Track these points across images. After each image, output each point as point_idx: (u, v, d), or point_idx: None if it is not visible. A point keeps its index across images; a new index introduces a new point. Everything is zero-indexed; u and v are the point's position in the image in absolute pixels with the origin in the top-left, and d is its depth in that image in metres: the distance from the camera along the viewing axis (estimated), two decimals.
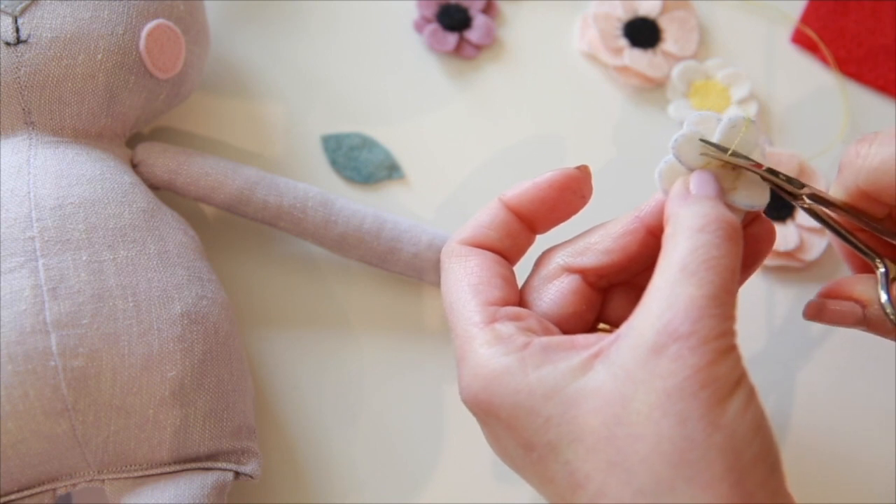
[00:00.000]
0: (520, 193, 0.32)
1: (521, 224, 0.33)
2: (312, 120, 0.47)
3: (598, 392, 0.27)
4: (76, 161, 0.37)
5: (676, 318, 0.27)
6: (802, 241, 0.45)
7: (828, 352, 0.44)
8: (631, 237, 0.32)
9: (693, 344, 0.26)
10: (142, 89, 0.39)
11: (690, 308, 0.27)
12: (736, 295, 0.28)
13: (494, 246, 0.32)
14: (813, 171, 0.47)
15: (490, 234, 0.32)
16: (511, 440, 0.29)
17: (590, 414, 0.27)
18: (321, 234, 0.41)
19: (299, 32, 0.48)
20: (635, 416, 0.26)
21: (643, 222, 0.32)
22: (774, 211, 0.46)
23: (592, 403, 0.27)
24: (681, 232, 0.28)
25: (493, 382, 0.28)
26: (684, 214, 0.29)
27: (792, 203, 0.33)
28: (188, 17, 0.40)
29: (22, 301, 0.33)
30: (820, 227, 0.44)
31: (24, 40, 0.36)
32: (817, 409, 0.43)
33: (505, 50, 0.49)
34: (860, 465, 0.42)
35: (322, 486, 0.41)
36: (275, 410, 0.42)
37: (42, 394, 0.33)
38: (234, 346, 0.37)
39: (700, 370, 0.26)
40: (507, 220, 0.32)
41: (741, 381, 0.27)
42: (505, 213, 0.32)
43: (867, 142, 0.33)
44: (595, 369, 0.27)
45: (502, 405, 0.28)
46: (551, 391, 0.28)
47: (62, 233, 0.35)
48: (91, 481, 0.35)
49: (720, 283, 0.27)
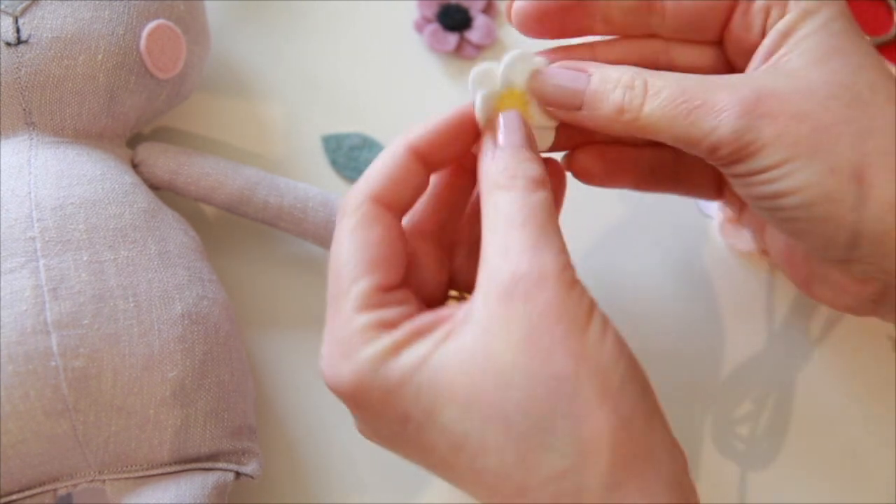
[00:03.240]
0: (427, 135, 0.32)
1: (424, 169, 0.32)
2: (313, 120, 0.47)
3: (461, 351, 0.28)
4: (77, 161, 0.37)
5: (513, 261, 0.28)
6: None
7: (828, 352, 0.44)
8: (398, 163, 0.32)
9: (536, 280, 0.27)
10: (142, 89, 0.39)
11: (523, 249, 0.28)
12: (559, 232, 0.29)
13: (404, 205, 0.32)
14: None
15: (403, 192, 0.32)
16: (384, 419, 0.29)
17: (458, 374, 0.27)
18: (322, 234, 0.41)
19: (300, 32, 0.48)
20: (501, 365, 0.27)
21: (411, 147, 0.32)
22: None
23: (458, 364, 0.27)
24: (496, 189, 0.30)
25: (369, 372, 0.29)
26: (494, 171, 0.30)
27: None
28: (188, 18, 0.40)
29: (23, 301, 0.33)
30: None
31: (25, 40, 0.36)
32: (817, 409, 0.43)
33: (505, 50, 0.49)
34: (860, 464, 0.42)
35: (323, 487, 0.41)
36: (276, 410, 0.42)
37: (43, 394, 0.33)
38: (234, 346, 0.37)
39: (550, 304, 0.27)
40: (415, 169, 0.32)
41: (593, 310, 0.28)
42: (413, 163, 0.32)
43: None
44: (457, 332, 0.28)
45: (373, 391, 0.29)
46: (420, 362, 0.28)
47: (63, 233, 0.35)
48: (92, 482, 0.35)
49: (541, 222, 0.28)
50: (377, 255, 0.30)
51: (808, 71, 0.30)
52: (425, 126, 0.32)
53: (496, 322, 0.27)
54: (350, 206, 0.31)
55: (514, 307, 0.27)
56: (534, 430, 0.26)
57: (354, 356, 0.29)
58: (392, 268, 0.30)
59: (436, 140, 0.32)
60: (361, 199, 0.31)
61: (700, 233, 0.46)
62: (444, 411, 0.28)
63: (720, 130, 0.29)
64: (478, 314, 0.28)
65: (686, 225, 0.46)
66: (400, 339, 0.29)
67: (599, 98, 0.31)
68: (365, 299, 0.30)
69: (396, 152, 0.32)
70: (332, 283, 0.31)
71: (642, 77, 0.30)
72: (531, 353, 0.27)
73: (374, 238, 0.30)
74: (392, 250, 0.31)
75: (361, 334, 0.29)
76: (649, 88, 0.30)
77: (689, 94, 0.30)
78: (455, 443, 0.28)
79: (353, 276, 0.30)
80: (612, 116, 0.31)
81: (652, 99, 0.30)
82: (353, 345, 0.29)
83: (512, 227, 0.28)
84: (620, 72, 0.31)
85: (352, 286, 0.30)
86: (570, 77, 0.32)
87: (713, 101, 0.29)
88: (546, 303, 0.27)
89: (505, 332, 0.27)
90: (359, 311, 0.29)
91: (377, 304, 0.30)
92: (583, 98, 0.31)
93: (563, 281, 0.27)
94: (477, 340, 0.27)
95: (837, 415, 0.43)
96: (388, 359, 0.28)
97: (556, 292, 0.27)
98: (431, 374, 0.28)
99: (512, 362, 0.27)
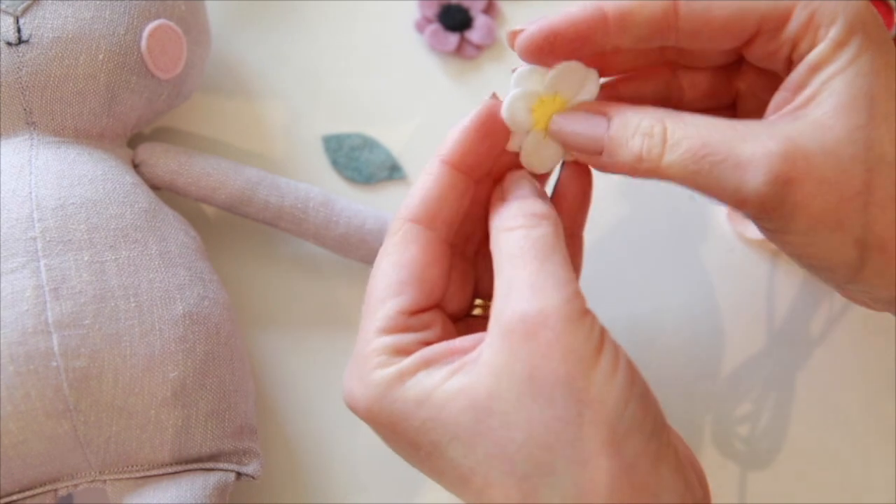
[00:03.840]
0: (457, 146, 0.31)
1: (465, 178, 0.32)
2: (313, 120, 0.47)
3: (467, 390, 0.27)
4: (77, 161, 0.37)
5: (514, 299, 0.27)
6: None
7: (828, 352, 0.44)
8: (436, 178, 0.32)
9: (537, 318, 0.27)
10: (143, 90, 0.39)
11: (523, 287, 0.27)
12: (565, 264, 0.28)
13: (448, 220, 0.32)
14: None
15: (443, 208, 0.31)
16: (397, 442, 0.30)
17: (461, 412, 0.27)
18: (322, 234, 0.41)
19: (300, 32, 0.48)
20: (504, 405, 0.27)
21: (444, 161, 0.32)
22: None
23: (462, 402, 0.27)
24: (501, 232, 0.30)
25: (377, 397, 0.29)
26: (502, 218, 0.30)
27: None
28: (189, 18, 0.40)
29: (24, 301, 0.33)
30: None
31: (26, 40, 0.36)
32: (817, 408, 0.43)
33: (506, 50, 0.49)
34: (860, 464, 0.43)
35: (323, 487, 0.41)
36: (276, 411, 0.42)
37: (44, 394, 0.33)
38: (235, 346, 0.37)
39: (552, 343, 0.26)
40: (454, 182, 0.31)
41: (602, 345, 0.27)
42: (451, 177, 0.31)
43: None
44: (466, 369, 0.28)
45: (381, 416, 0.29)
46: (424, 396, 0.28)
47: (64, 233, 0.35)
48: (92, 482, 0.35)
49: (542, 256, 0.28)
50: (408, 276, 0.30)
51: (835, 121, 0.29)
52: (452, 137, 0.31)
53: (501, 362, 0.27)
54: (392, 228, 0.31)
55: (517, 347, 0.27)
56: (535, 471, 0.26)
57: (366, 378, 0.29)
58: (423, 288, 0.30)
59: (466, 148, 0.31)
60: (401, 221, 0.31)
61: (703, 227, 0.46)
62: (450, 446, 0.28)
63: (745, 190, 0.28)
64: (486, 354, 0.28)
65: (688, 221, 0.46)
66: (406, 368, 0.29)
67: (618, 145, 0.30)
68: (388, 321, 0.30)
69: (432, 170, 0.31)
70: (365, 302, 0.31)
71: (662, 124, 0.29)
72: (533, 395, 0.26)
73: (407, 259, 0.30)
74: (425, 270, 0.31)
75: (376, 357, 0.29)
76: (669, 138, 0.29)
77: (711, 147, 0.28)
78: (461, 476, 0.28)
79: (382, 297, 0.30)
80: (632, 164, 0.30)
81: (672, 150, 0.29)
82: (367, 367, 0.29)
83: (513, 265, 0.28)
84: (640, 117, 0.30)
85: (379, 307, 0.30)
86: (589, 124, 0.31)
87: (737, 157, 0.28)
88: (548, 343, 0.27)
89: (508, 373, 0.27)
90: (379, 333, 0.30)
91: (398, 328, 0.30)
92: (602, 145, 0.31)
93: (567, 316, 0.27)
94: (482, 380, 0.27)
95: (837, 414, 0.43)
96: (393, 387, 0.29)
97: (561, 329, 0.27)
98: (436, 409, 0.28)
99: (515, 404, 0.27)
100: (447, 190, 0.31)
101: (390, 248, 0.31)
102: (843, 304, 0.45)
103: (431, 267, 0.31)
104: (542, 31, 0.30)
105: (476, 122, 0.31)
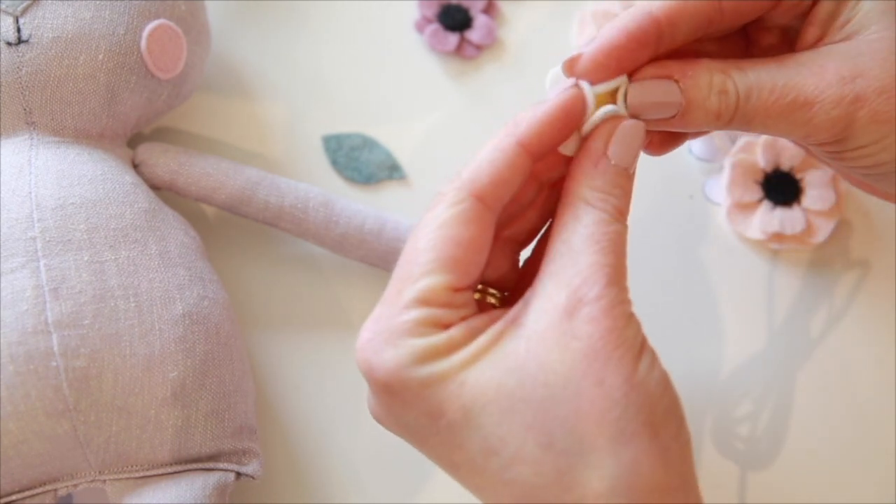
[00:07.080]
0: (536, 129, 0.30)
1: (530, 163, 0.30)
2: (313, 120, 0.47)
3: (512, 356, 0.27)
4: (77, 161, 0.37)
5: (586, 283, 0.28)
6: (809, 224, 0.45)
7: (828, 352, 0.44)
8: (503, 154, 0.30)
9: (604, 307, 0.27)
10: (143, 89, 0.39)
11: (598, 274, 0.28)
12: (626, 268, 0.29)
13: (504, 203, 0.30)
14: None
15: (507, 191, 0.30)
16: (415, 410, 0.28)
17: (506, 377, 0.27)
18: (322, 234, 0.41)
19: (300, 33, 0.48)
20: (553, 378, 0.27)
21: (521, 143, 0.30)
22: (780, 195, 0.46)
23: (508, 368, 0.27)
24: (584, 203, 0.29)
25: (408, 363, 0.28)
26: (588, 183, 0.30)
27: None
28: (189, 18, 0.40)
29: (23, 301, 0.33)
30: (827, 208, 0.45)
31: (26, 40, 0.36)
32: (817, 408, 0.43)
33: (506, 50, 0.49)
34: (860, 464, 0.43)
35: (323, 487, 0.41)
36: (276, 411, 0.42)
37: (44, 394, 0.33)
38: (235, 346, 0.37)
39: (612, 331, 0.27)
40: (522, 166, 0.30)
41: (645, 344, 0.28)
42: (522, 160, 0.30)
43: None
44: (510, 336, 0.28)
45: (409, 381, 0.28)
46: (469, 360, 0.28)
47: (64, 233, 0.34)
48: (92, 482, 0.35)
49: (619, 254, 0.29)
50: (461, 256, 0.29)
51: (881, 34, 0.31)
52: (535, 117, 0.30)
53: (555, 335, 0.27)
54: (450, 197, 0.29)
55: (578, 326, 0.27)
56: (575, 447, 0.26)
57: (401, 344, 0.28)
58: (472, 270, 0.29)
59: (545, 133, 0.30)
60: (465, 194, 0.29)
61: (703, 227, 0.46)
62: (483, 412, 0.27)
63: (815, 121, 0.30)
64: (536, 323, 0.28)
65: (688, 221, 0.46)
66: (457, 338, 0.28)
67: (696, 107, 0.31)
68: (431, 293, 0.29)
69: (507, 150, 0.30)
70: (402, 264, 0.29)
71: (731, 78, 0.31)
72: (586, 372, 0.27)
73: (466, 238, 0.29)
74: (478, 253, 0.30)
75: (415, 326, 0.28)
76: (740, 90, 0.31)
77: (779, 91, 0.30)
78: (489, 447, 0.27)
79: (428, 269, 0.29)
80: (709, 122, 0.31)
81: (745, 101, 0.31)
82: (402, 333, 0.28)
83: (590, 248, 0.28)
84: (708, 74, 0.31)
85: (422, 277, 0.29)
86: (663, 91, 0.31)
87: (804, 93, 0.30)
88: (609, 329, 0.27)
89: (562, 347, 0.27)
90: (419, 305, 0.29)
91: (441, 303, 0.29)
92: (678, 109, 0.31)
93: (625, 314, 0.28)
94: (531, 348, 0.27)
95: (837, 415, 0.43)
96: (439, 356, 0.28)
97: (621, 322, 0.27)
98: (479, 373, 0.28)
99: (565, 377, 0.27)
100: (516, 173, 0.30)
101: (449, 219, 0.29)
102: (843, 304, 0.45)
103: (485, 250, 0.30)
104: (603, 51, 0.30)
105: (561, 108, 0.30)
